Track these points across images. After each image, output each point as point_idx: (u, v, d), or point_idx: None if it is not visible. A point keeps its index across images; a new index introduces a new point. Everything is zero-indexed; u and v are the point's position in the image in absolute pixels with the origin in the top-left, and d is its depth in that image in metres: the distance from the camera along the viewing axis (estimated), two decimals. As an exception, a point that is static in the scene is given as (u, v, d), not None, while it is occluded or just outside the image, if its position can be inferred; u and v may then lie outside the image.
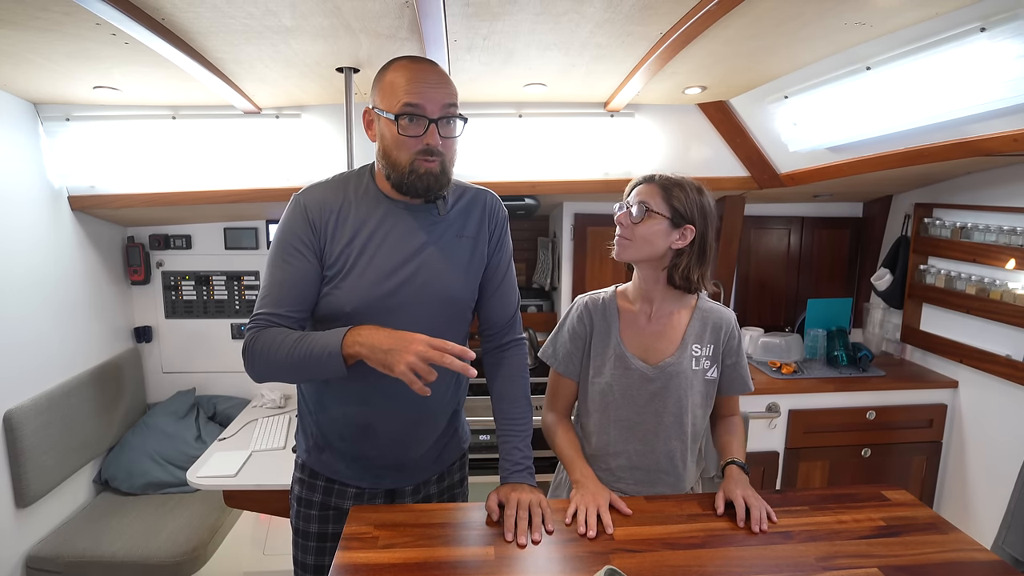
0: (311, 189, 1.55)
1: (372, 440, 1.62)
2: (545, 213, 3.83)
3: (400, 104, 1.40)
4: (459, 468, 1.85)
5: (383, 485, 1.70)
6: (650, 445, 1.71)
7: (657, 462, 1.72)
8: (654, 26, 1.91)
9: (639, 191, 1.65)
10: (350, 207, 1.52)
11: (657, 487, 1.74)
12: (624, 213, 1.65)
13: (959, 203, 2.99)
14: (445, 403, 1.68)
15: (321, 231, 1.49)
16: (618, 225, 1.67)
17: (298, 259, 1.48)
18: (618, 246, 1.67)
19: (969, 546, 1.41)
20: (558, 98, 2.79)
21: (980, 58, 1.90)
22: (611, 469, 1.74)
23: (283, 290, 1.47)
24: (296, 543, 1.73)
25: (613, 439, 1.73)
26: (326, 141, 2.88)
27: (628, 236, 1.64)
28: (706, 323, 1.72)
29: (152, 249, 3.39)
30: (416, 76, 1.42)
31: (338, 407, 1.60)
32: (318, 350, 1.36)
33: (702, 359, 1.71)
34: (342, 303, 1.48)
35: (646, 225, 1.61)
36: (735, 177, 3.10)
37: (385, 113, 1.43)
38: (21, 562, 2.54)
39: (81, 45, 1.96)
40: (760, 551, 1.40)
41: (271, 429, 2.86)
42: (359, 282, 1.49)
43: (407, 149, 1.43)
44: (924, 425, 3.03)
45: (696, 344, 1.71)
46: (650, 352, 1.70)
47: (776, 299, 3.73)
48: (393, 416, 1.60)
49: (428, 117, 1.41)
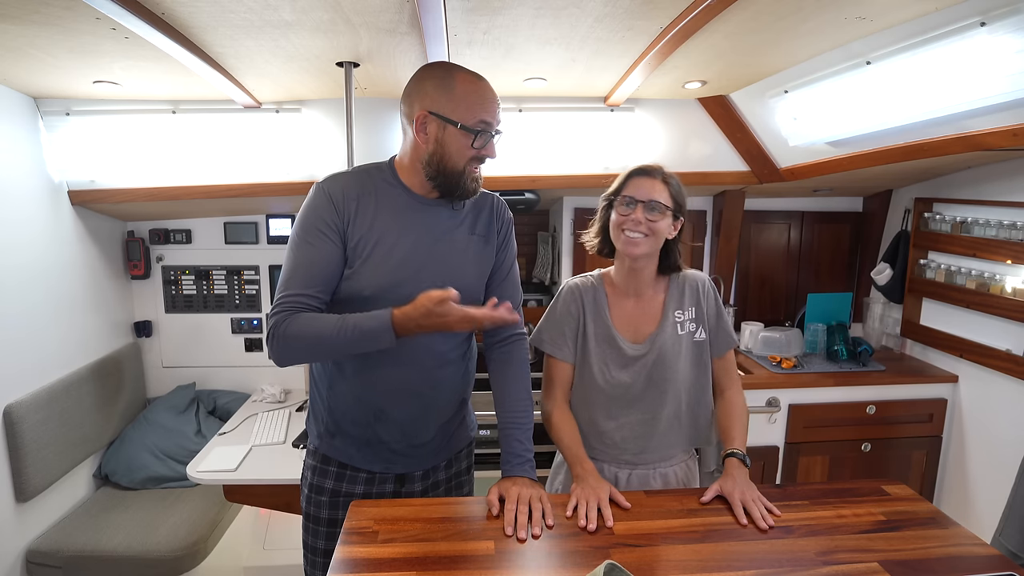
0: (333, 178, 1.61)
1: (384, 424, 1.66)
2: (545, 208, 3.82)
3: (478, 120, 1.52)
4: (466, 456, 1.90)
5: (394, 470, 1.74)
6: (651, 413, 1.76)
7: (659, 428, 1.77)
8: (654, 20, 1.91)
9: (647, 185, 1.67)
10: (371, 196, 1.59)
11: (660, 451, 1.79)
12: (639, 209, 1.65)
13: (959, 198, 2.99)
14: (454, 388, 1.74)
15: (344, 214, 1.55)
16: (630, 221, 1.66)
17: (323, 240, 1.53)
18: (632, 243, 1.67)
19: (969, 540, 1.41)
20: (558, 93, 2.79)
21: (980, 52, 1.90)
22: (615, 443, 1.78)
23: (310, 270, 1.53)
24: (307, 528, 1.77)
25: (614, 414, 1.77)
26: (326, 136, 2.87)
27: (646, 232, 1.66)
28: (682, 288, 1.80)
29: (152, 244, 3.39)
30: (489, 95, 1.55)
31: (351, 392, 1.65)
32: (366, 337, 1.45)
33: (686, 323, 1.78)
34: (361, 287, 1.55)
35: (660, 221, 1.66)
36: (735, 172, 3.10)
37: (457, 123, 1.51)
38: (21, 556, 2.55)
39: (81, 40, 1.96)
40: (760, 545, 1.40)
41: (271, 424, 2.86)
42: (378, 269, 1.55)
43: (465, 157, 1.54)
44: (924, 420, 3.03)
45: (677, 311, 1.78)
46: (637, 331, 1.78)
47: (776, 294, 3.73)
48: (405, 400, 1.65)
49: (493, 133, 1.56)
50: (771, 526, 1.46)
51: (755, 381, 2.95)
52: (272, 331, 1.49)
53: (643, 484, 1.78)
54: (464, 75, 1.54)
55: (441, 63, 1.61)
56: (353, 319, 1.45)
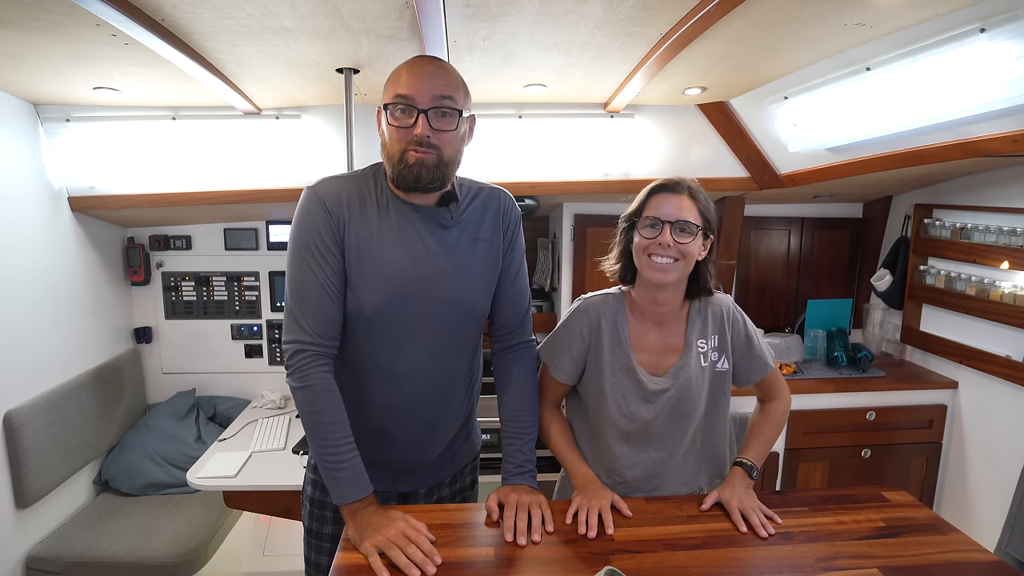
0: (325, 182, 1.52)
1: (389, 445, 1.62)
2: (545, 214, 3.83)
3: (393, 95, 1.40)
4: (471, 471, 1.85)
5: (397, 488, 1.69)
6: (667, 451, 1.66)
7: (673, 465, 1.68)
8: (654, 27, 1.91)
9: (673, 203, 1.52)
10: (364, 204, 1.49)
11: (670, 488, 1.69)
12: (667, 231, 1.50)
13: (959, 204, 2.99)
14: (460, 405, 1.68)
15: (339, 222, 1.47)
16: (655, 245, 1.51)
17: (327, 258, 1.46)
18: (661, 271, 1.52)
19: (969, 547, 1.41)
20: (558, 99, 2.79)
21: (980, 59, 1.90)
22: (626, 481, 1.67)
23: (320, 310, 1.46)
24: (309, 543, 1.72)
25: (627, 451, 1.66)
26: (326, 142, 2.88)
27: (676, 256, 1.51)
28: (705, 315, 1.66)
29: (152, 250, 3.39)
30: (412, 68, 1.42)
31: (356, 414, 1.56)
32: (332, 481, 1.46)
33: (709, 353, 1.64)
34: (361, 306, 1.47)
35: (691, 243, 1.51)
36: (735, 178, 3.10)
37: (384, 106, 1.43)
38: (21, 562, 2.54)
39: (81, 46, 1.96)
40: (760, 552, 1.40)
41: (271, 430, 2.86)
42: (370, 284, 1.47)
43: (399, 140, 1.41)
44: (924, 426, 3.03)
45: (700, 340, 1.64)
46: (660, 362, 1.64)
47: (776, 300, 3.73)
48: (411, 421, 1.60)
49: (418, 107, 1.39)
50: (771, 533, 1.46)
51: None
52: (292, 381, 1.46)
53: None
54: (407, 60, 1.46)
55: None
56: (338, 458, 1.45)
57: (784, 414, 1.74)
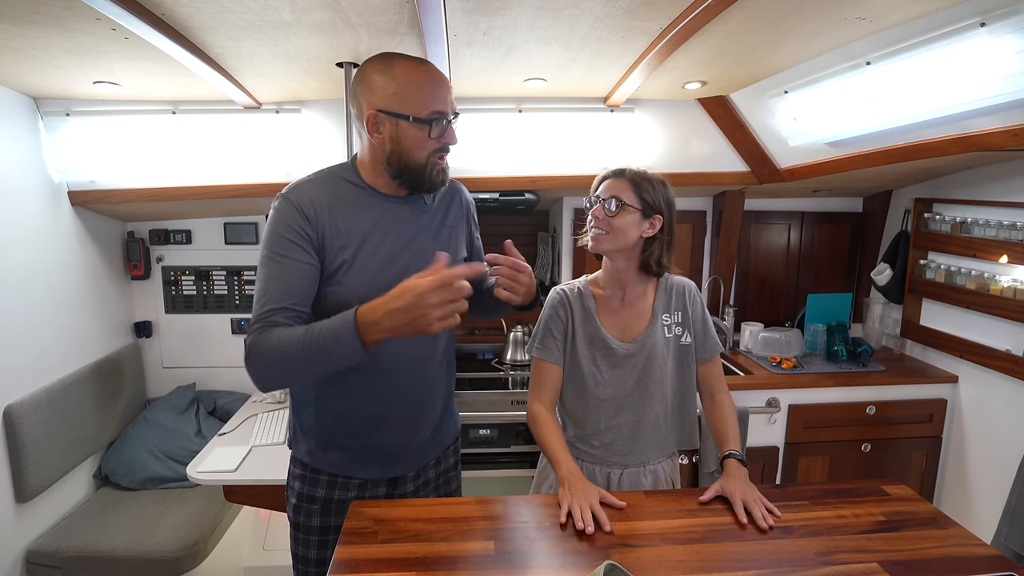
0: (296, 187, 1.56)
1: (382, 431, 1.65)
2: (545, 208, 3.82)
3: (430, 111, 1.48)
4: (453, 452, 1.91)
5: (390, 473, 1.72)
6: (639, 415, 1.81)
7: (646, 429, 1.81)
8: (654, 21, 1.91)
9: (610, 186, 1.75)
10: (342, 202, 1.54)
11: (647, 452, 1.83)
12: (599, 207, 1.74)
13: (959, 198, 2.99)
14: (443, 386, 1.77)
15: (316, 225, 1.50)
16: (593, 218, 1.76)
17: (296, 252, 1.48)
18: (595, 239, 1.76)
19: (969, 541, 1.41)
20: (558, 93, 2.79)
21: (980, 53, 1.90)
22: (605, 444, 1.82)
23: (283, 284, 1.46)
24: (296, 538, 1.73)
25: (604, 417, 1.81)
26: (326, 136, 2.87)
27: (605, 228, 1.73)
28: (670, 293, 1.86)
29: (152, 244, 3.39)
30: (436, 80, 1.51)
31: (347, 405, 1.61)
32: (331, 340, 1.35)
33: (673, 326, 1.83)
34: (348, 298, 1.46)
35: (621, 218, 1.72)
36: (735, 172, 3.10)
37: (409, 117, 1.47)
38: (21, 557, 2.55)
39: (81, 40, 1.96)
40: (760, 546, 1.40)
41: (271, 424, 2.86)
42: (363, 275, 1.52)
43: (426, 149, 1.51)
44: (924, 420, 3.03)
45: (665, 314, 1.83)
46: (626, 331, 1.82)
47: (776, 294, 3.73)
48: (401, 404, 1.65)
49: (449, 120, 1.52)
50: (771, 526, 1.47)
51: (755, 381, 2.95)
52: (247, 352, 1.42)
53: (634, 482, 1.81)
54: (405, 63, 1.50)
55: (380, 55, 1.54)
56: (319, 323, 1.37)
57: (734, 405, 1.88)
